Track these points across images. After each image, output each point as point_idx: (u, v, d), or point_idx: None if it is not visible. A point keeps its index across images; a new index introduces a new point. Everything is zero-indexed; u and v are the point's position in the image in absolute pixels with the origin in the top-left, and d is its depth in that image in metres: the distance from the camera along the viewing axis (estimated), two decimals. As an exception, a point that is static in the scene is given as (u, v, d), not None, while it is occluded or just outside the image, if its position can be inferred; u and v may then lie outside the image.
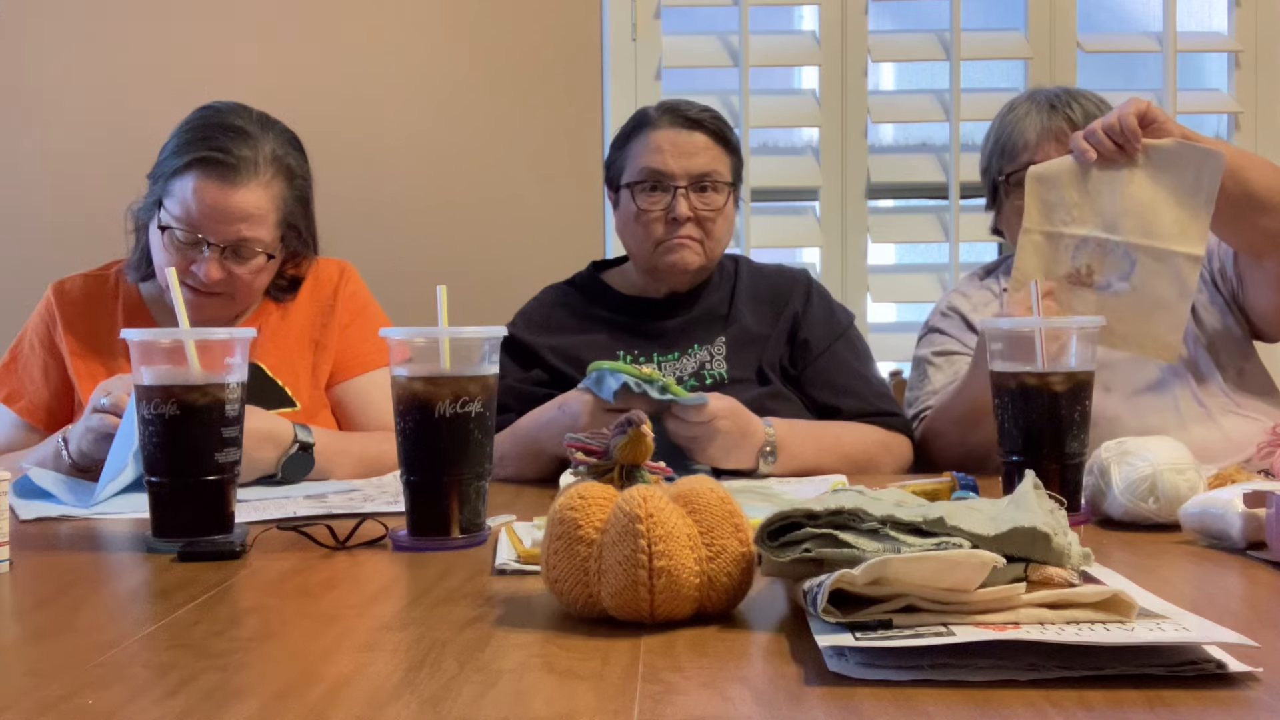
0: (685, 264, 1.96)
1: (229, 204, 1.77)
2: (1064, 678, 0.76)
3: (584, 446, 1.03)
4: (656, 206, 1.94)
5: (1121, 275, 1.71)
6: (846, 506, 0.92)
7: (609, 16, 2.65)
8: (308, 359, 1.95)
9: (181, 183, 1.78)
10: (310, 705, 0.74)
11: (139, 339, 1.27)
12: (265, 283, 1.90)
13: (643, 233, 1.97)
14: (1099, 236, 1.73)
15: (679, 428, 1.67)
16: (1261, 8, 2.70)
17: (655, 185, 1.94)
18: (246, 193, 1.78)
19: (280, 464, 1.67)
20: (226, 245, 1.80)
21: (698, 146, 1.95)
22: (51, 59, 2.61)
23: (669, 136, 1.95)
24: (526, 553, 1.13)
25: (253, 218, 1.79)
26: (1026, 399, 1.36)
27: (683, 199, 1.93)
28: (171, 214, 1.79)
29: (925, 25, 2.73)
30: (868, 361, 2.06)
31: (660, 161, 1.94)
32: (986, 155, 2.07)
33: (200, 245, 1.79)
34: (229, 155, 1.77)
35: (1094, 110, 1.96)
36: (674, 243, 1.95)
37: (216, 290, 1.82)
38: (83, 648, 0.88)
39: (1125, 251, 1.72)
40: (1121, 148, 1.71)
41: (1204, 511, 1.21)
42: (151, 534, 1.27)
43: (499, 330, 1.30)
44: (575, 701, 0.75)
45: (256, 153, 1.80)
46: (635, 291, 2.07)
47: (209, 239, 1.78)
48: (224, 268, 1.80)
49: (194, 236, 1.78)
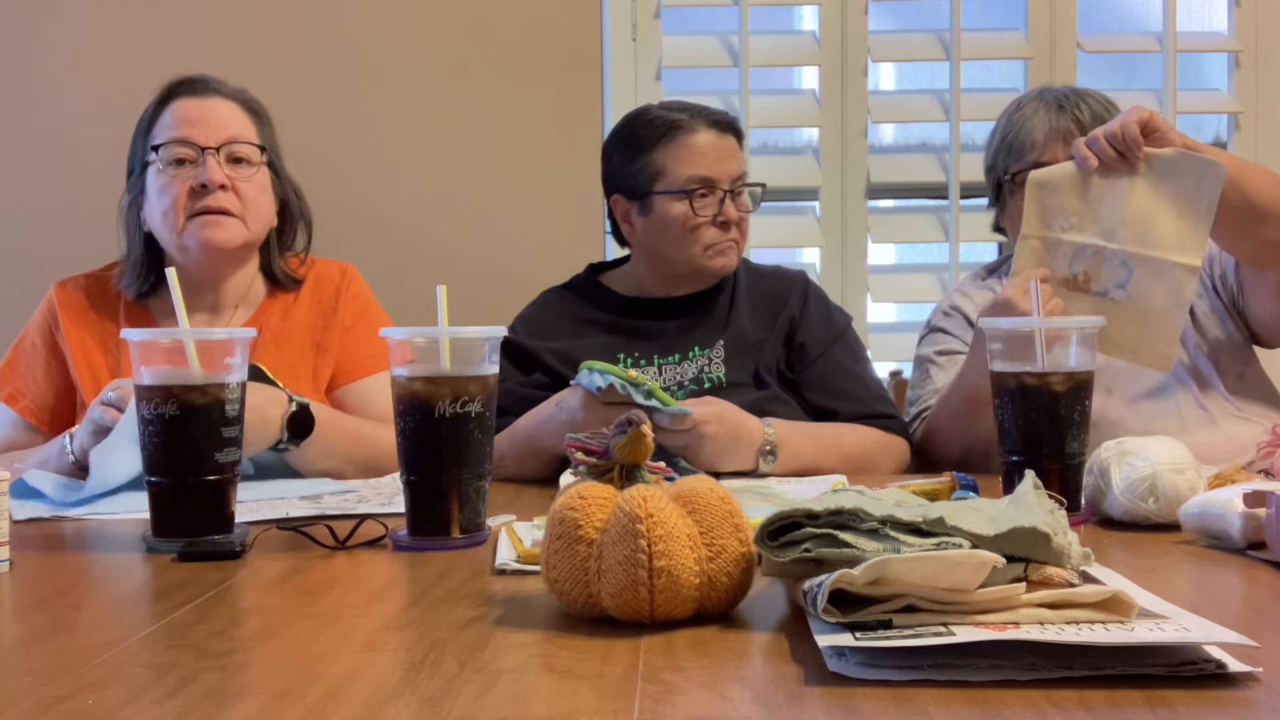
0: (730, 266, 2.00)
1: (207, 108, 1.88)
2: (1064, 678, 0.76)
3: (584, 446, 1.03)
4: (709, 212, 1.96)
5: (1118, 283, 1.71)
6: (846, 506, 0.92)
7: (609, 16, 2.65)
8: (309, 361, 1.95)
9: (160, 116, 1.89)
10: (310, 705, 0.74)
11: (139, 339, 1.28)
12: (269, 213, 1.94)
13: (692, 238, 1.97)
14: (1097, 244, 1.73)
15: (666, 438, 1.67)
16: (1261, 8, 2.69)
17: (709, 191, 1.96)
18: (219, 101, 1.90)
19: (283, 426, 1.67)
20: (220, 146, 1.86)
21: (734, 150, 2.00)
22: (52, 57, 2.61)
23: (711, 141, 1.97)
24: (526, 553, 1.13)
25: (232, 122, 1.89)
26: (1026, 399, 1.36)
27: (730, 204, 1.97)
28: (161, 141, 1.87)
29: (925, 25, 2.73)
30: (865, 364, 2.06)
31: (708, 167, 1.96)
32: (992, 152, 2.06)
33: (195, 162, 1.86)
34: (195, 80, 1.91)
35: (1102, 111, 1.96)
36: (723, 245, 1.98)
37: (227, 207, 1.86)
38: (83, 648, 0.88)
39: (1123, 260, 1.72)
40: (1123, 156, 1.71)
41: (1204, 511, 1.21)
42: (151, 534, 1.27)
43: (499, 330, 1.30)
44: (575, 701, 0.75)
45: (219, 83, 1.93)
46: (635, 293, 2.07)
47: (200, 143, 1.86)
48: (225, 174, 1.86)
49: (187, 149, 1.86)
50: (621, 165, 2.01)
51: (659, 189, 1.97)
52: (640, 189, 1.99)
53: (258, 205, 1.90)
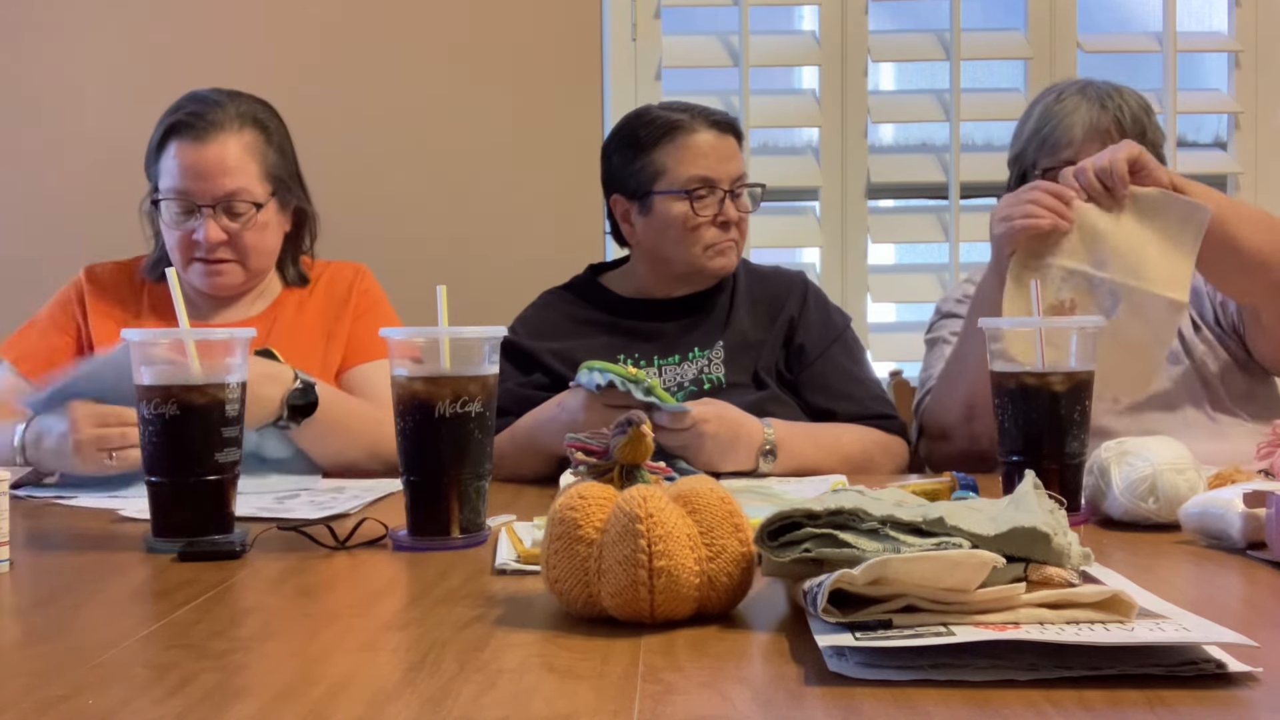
0: (729, 266, 2.00)
1: (205, 159, 1.87)
2: (1064, 678, 0.76)
3: (584, 446, 1.03)
4: (709, 212, 1.96)
5: (1103, 312, 1.67)
6: (846, 506, 0.92)
7: (609, 16, 2.64)
8: (319, 350, 1.99)
9: (164, 156, 1.90)
10: (310, 705, 0.74)
11: (139, 339, 1.28)
12: (273, 245, 1.97)
13: (692, 238, 1.97)
14: (1086, 271, 1.70)
15: (666, 437, 1.67)
16: (1261, 8, 2.69)
17: (709, 192, 1.96)
18: (219, 146, 1.88)
19: (284, 403, 1.70)
20: (216, 203, 1.88)
21: (734, 150, 1.99)
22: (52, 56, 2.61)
23: (710, 142, 1.96)
24: (526, 553, 1.13)
25: (232, 170, 1.88)
26: (1026, 399, 1.36)
27: (730, 204, 1.97)
28: (162, 189, 1.90)
29: (925, 25, 2.72)
30: (864, 364, 2.06)
31: (708, 168, 1.95)
32: (1022, 141, 1.97)
33: (195, 212, 1.88)
34: (197, 117, 1.89)
35: (1140, 115, 1.89)
36: (723, 245, 1.98)
37: (225, 257, 1.91)
38: (83, 648, 0.88)
39: (1110, 290, 1.69)
40: (1109, 190, 1.69)
41: (1204, 511, 1.21)
42: (151, 534, 1.27)
43: (499, 330, 1.30)
44: (575, 701, 0.75)
45: (222, 112, 1.90)
46: (635, 294, 2.07)
47: (198, 201, 1.88)
48: (223, 228, 1.89)
49: (186, 203, 1.88)
50: (621, 165, 2.01)
51: (659, 189, 1.97)
52: (640, 189, 1.99)
53: (257, 249, 1.94)
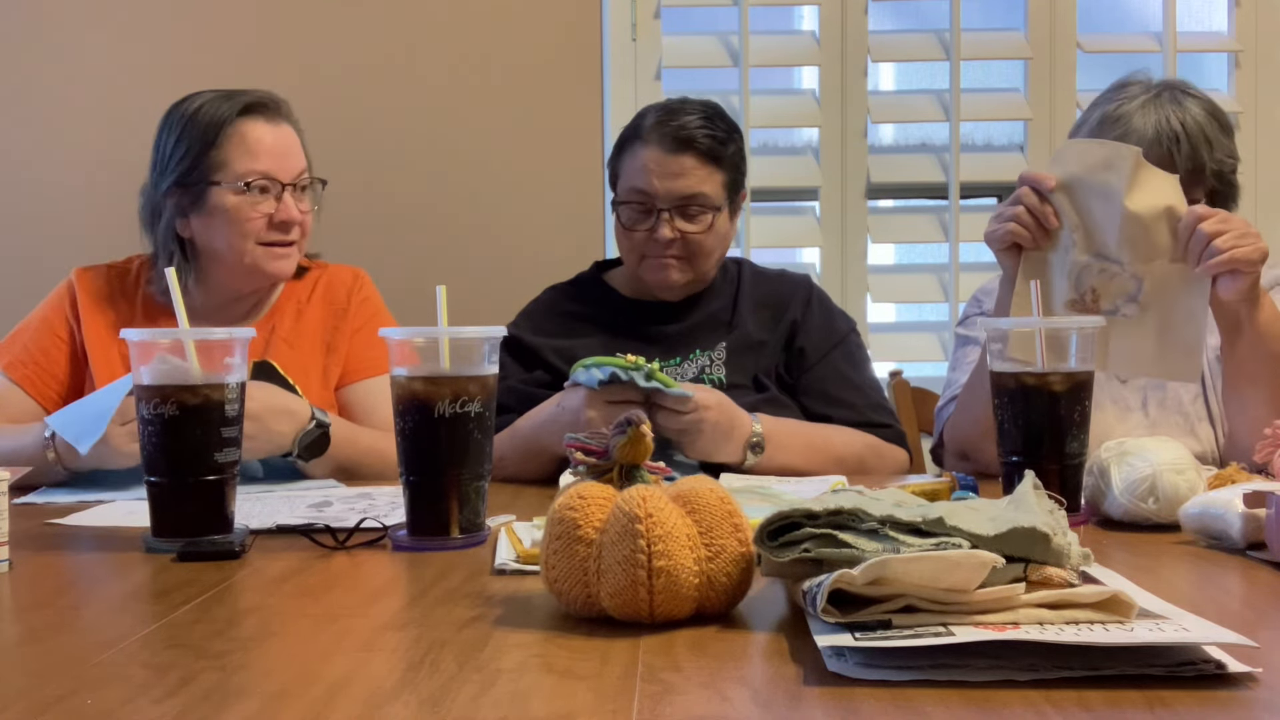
0: (668, 281, 1.98)
1: (283, 138, 1.91)
2: (1063, 678, 0.76)
3: (584, 446, 1.03)
4: (641, 227, 1.95)
5: (1129, 296, 1.63)
6: (846, 506, 0.92)
7: (609, 16, 2.64)
8: (319, 361, 1.98)
9: (231, 137, 1.87)
10: (310, 705, 0.74)
11: (138, 339, 1.27)
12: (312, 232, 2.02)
13: (629, 247, 1.98)
14: (1100, 263, 1.65)
15: (666, 420, 1.67)
16: (1261, 8, 2.69)
17: (641, 206, 1.94)
18: (288, 129, 1.93)
19: (297, 442, 1.69)
20: (295, 181, 1.91)
21: (684, 168, 1.92)
22: (53, 55, 2.61)
23: (655, 157, 1.92)
24: (526, 553, 1.13)
25: (299, 150, 1.94)
26: (1026, 399, 1.36)
27: (666, 223, 1.93)
28: (238, 170, 1.86)
29: (925, 25, 2.73)
30: (865, 372, 2.04)
31: (646, 183, 1.93)
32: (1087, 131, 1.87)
33: (271, 192, 1.88)
34: (269, 102, 1.91)
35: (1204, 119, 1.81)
36: (657, 262, 1.96)
37: (295, 240, 1.93)
38: (82, 648, 0.89)
39: (1132, 274, 1.64)
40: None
41: (1204, 511, 1.21)
42: (151, 534, 1.27)
43: (499, 330, 1.30)
44: (574, 701, 0.75)
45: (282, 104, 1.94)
46: (637, 294, 2.07)
47: (281, 180, 1.89)
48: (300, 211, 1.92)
49: (269, 183, 1.88)
50: (611, 163, 2.04)
51: (616, 195, 1.99)
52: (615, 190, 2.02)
53: (311, 232, 1.98)
